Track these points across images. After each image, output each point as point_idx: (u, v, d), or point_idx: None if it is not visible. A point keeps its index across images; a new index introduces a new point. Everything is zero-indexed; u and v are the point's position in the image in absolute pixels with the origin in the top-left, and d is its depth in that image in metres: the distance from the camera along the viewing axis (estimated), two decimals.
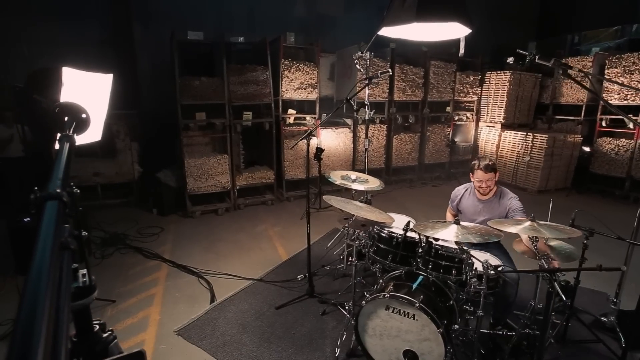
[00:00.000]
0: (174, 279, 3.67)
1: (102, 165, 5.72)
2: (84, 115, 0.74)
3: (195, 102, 5.25)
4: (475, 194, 2.83)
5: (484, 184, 2.67)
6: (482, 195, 2.76)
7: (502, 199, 2.74)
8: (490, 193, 2.74)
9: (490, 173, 2.65)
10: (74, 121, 0.70)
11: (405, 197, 6.50)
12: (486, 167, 2.65)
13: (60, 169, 0.59)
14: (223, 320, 2.95)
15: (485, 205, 2.78)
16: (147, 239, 4.65)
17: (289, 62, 5.77)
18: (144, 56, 6.64)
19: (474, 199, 2.83)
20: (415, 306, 2.03)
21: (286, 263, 3.97)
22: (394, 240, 2.31)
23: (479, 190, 2.73)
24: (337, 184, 2.97)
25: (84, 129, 0.75)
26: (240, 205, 5.85)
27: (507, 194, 2.76)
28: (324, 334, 2.77)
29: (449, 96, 7.39)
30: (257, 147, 6.57)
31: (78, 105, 0.74)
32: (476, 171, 2.70)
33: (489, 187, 2.68)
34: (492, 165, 2.67)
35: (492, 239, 1.93)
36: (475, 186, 2.76)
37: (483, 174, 2.65)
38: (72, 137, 0.67)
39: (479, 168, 2.67)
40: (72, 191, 0.59)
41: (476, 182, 2.72)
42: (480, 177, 2.67)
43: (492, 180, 2.66)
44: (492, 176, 2.66)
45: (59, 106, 0.71)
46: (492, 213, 2.73)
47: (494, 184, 2.69)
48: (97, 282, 0.70)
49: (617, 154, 6.51)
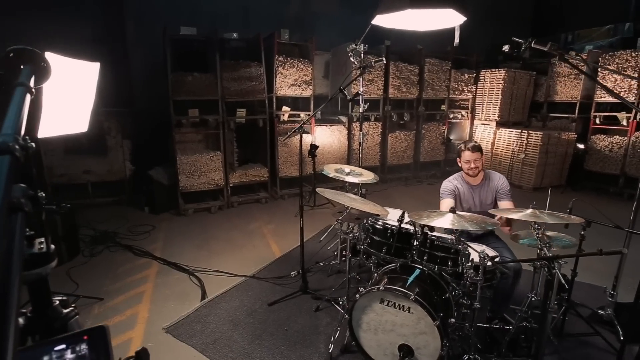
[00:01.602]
0: (164, 276, 3.59)
1: (93, 162, 5.61)
2: (44, 64, 0.67)
3: (188, 98, 5.17)
4: (465, 182, 2.86)
5: (472, 164, 2.72)
6: (472, 178, 2.80)
7: (491, 181, 2.83)
8: (479, 175, 2.80)
9: (477, 153, 2.72)
10: (32, 70, 0.63)
11: (400, 195, 6.46)
12: (473, 147, 2.72)
13: (12, 119, 0.52)
14: (214, 317, 2.87)
15: (476, 189, 2.83)
16: (138, 237, 4.56)
17: (283, 59, 5.72)
18: (137, 53, 6.54)
19: (465, 187, 2.86)
20: (411, 298, 1.97)
21: (279, 260, 3.90)
22: (389, 231, 2.25)
23: (468, 172, 2.76)
24: (331, 176, 2.91)
25: (44, 80, 0.68)
26: (234, 203, 5.77)
27: (495, 175, 2.86)
28: (317, 330, 2.70)
29: (444, 94, 7.37)
30: (252, 145, 6.50)
31: (36, 51, 0.67)
32: (463, 153, 2.75)
33: (477, 168, 2.74)
34: (478, 146, 2.76)
35: (488, 226, 1.87)
36: (464, 169, 2.79)
37: (470, 153, 2.71)
38: (30, 87, 0.60)
39: (466, 149, 2.74)
40: (26, 145, 0.52)
41: (464, 164, 2.77)
42: (468, 157, 2.72)
43: (479, 160, 2.72)
44: (479, 156, 2.72)
45: (13, 51, 0.64)
46: (484, 196, 2.81)
47: (481, 165, 2.76)
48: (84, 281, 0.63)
49: (611, 151, 6.52)
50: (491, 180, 2.83)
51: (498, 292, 2.44)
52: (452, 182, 2.89)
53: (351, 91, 5.01)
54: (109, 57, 6.13)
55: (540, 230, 1.98)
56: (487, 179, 2.84)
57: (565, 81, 7.10)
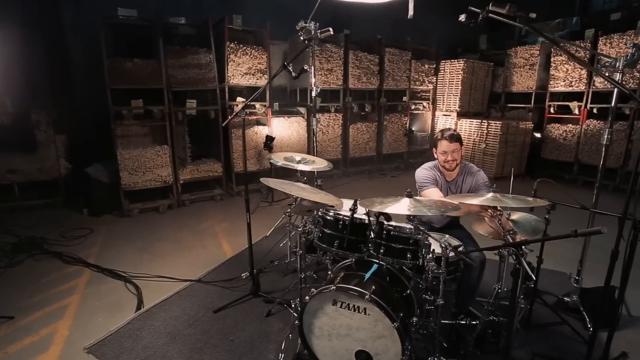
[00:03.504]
0: (96, 285, 3.13)
1: (19, 160, 4.95)
2: None
3: (128, 86, 4.66)
4: (441, 176, 2.53)
5: (450, 156, 2.39)
6: (448, 172, 2.49)
7: (468, 175, 2.51)
8: (456, 170, 2.48)
9: (456, 143, 2.39)
10: None
11: (364, 189, 6.26)
12: (451, 136, 2.39)
13: None
14: (149, 330, 2.48)
15: (452, 184, 2.52)
16: (72, 242, 4.03)
17: (235, 46, 5.32)
18: (77, 39, 5.87)
19: (441, 180, 2.54)
20: (366, 298, 1.71)
21: (231, 261, 3.54)
22: (340, 223, 1.98)
23: (445, 165, 2.43)
24: (279, 165, 2.61)
25: None
26: (185, 201, 5.32)
27: (472, 168, 2.54)
28: (268, 338, 2.39)
29: (405, 84, 7.26)
30: (206, 139, 6.05)
31: None
32: (440, 142, 2.42)
33: (455, 161, 2.40)
34: (457, 135, 2.42)
35: (448, 211, 1.65)
36: (440, 161, 2.46)
37: (448, 143, 2.38)
38: None
39: (443, 138, 2.41)
40: None
41: (441, 155, 2.44)
42: (445, 147, 2.39)
43: (457, 152, 2.40)
44: (458, 147, 2.40)
45: None
46: (461, 190, 2.50)
47: (459, 157, 2.43)
48: None
49: (565, 139, 6.68)
50: (468, 174, 2.49)
51: (463, 285, 2.24)
52: (430, 170, 2.55)
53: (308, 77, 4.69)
54: (42, 43, 5.46)
55: (500, 217, 1.78)
56: (463, 174, 2.50)
57: (521, 72, 7.21)
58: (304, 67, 2.42)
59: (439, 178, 2.53)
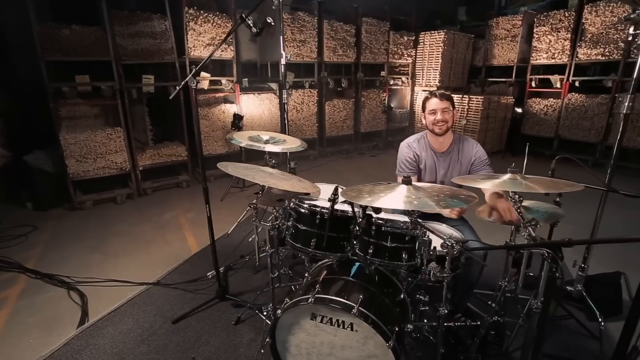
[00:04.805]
0: (31, 296, 2.64)
1: None
2: None
3: (66, 58, 4.00)
4: (429, 148, 2.19)
5: (439, 115, 2.06)
6: (438, 142, 2.16)
7: (464, 146, 2.17)
8: (447, 138, 2.15)
9: (446, 101, 2.07)
10: None
11: (343, 169, 5.90)
12: (442, 94, 2.08)
13: None
14: (91, 351, 2.05)
15: (443, 158, 2.18)
16: (8, 243, 3.47)
17: (195, 12, 4.70)
18: (11, 5, 5.04)
19: (429, 154, 2.20)
20: (353, 312, 1.36)
21: (196, 257, 3.12)
22: (318, 217, 1.60)
23: (434, 127, 2.09)
24: (243, 146, 2.17)
25: None
26: (147, 189, 4.79)
27: (468, 140, 2.20)
28: (236, 352, 2.02)
29: (383, 58, 6.83)
30: (170, 121, 5.47)
31: None
32: (429, 100, 2.10)
33: (445, 122, 2.07)
34: (449, 94, 2.11)
35: (460, 204, 1.29)
36: (429, 122, 2.11)
37: (438, 101, 2.06)
38: None
39: (432, 95, 2.10)
40: None
41: (429, 115, 2.10)
42: (435, 105, 2.06)
43: (448, 112, 2.07)
44: (448, 106, 2.07)
45: None
46: (454, 167, 2.17)
47: (451, 120, 2.10)
48: None
49: (545, 114, 6.52)
50: (463, 146, 2.17)
51: (461, 281, 1.93)
52: (411, 146, 2.21)
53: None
54: None
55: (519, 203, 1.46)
56: (457, 144, 2.18)
57: (503, 44, 6.93)
58: (267, 20, 1.96)
59: (423, 153, 2.20)
